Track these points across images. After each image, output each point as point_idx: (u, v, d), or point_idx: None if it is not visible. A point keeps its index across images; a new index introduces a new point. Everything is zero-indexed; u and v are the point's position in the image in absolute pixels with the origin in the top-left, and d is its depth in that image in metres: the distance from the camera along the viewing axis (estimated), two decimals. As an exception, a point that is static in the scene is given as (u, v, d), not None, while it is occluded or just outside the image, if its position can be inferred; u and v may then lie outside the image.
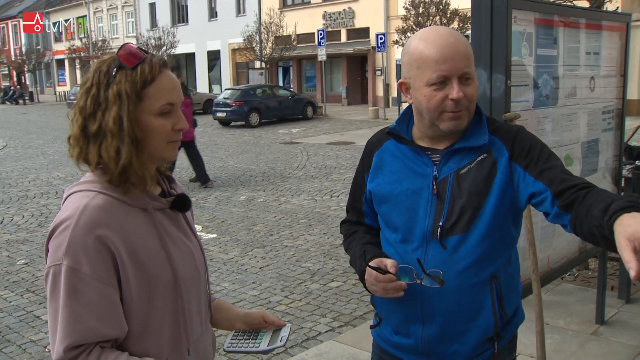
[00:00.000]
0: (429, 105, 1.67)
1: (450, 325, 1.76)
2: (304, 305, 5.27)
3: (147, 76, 1.43)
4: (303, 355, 4.20)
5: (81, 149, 1.43)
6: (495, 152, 1.71)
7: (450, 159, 1.74)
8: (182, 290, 1.48)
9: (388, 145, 1.86)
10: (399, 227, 1.78)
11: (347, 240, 1.99)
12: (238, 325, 1.73)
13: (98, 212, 1.37)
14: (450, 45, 1.63)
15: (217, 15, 38.21)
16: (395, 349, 1.90)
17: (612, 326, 4.38)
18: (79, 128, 1.42)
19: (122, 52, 1.43)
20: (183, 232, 1.57)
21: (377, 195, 1.85)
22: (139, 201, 1.45)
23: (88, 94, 1.43)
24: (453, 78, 1.63)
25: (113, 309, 1.37)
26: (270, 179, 11.77)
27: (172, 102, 1.47)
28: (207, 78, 40.02)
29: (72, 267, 1.33)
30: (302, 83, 35.33)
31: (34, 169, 13.75)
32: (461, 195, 1.69)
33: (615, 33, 4.01)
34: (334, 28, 31.72)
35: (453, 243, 1.70)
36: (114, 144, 1.39)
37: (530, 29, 3.06)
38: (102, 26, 47.71)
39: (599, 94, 3.87)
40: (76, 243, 1.33)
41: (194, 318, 1.55)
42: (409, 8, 23.69)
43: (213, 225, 8.23)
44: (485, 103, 2.89)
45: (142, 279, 1.41)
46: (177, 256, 1.49)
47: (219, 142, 18.56)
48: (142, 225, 1.44)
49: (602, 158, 4.00)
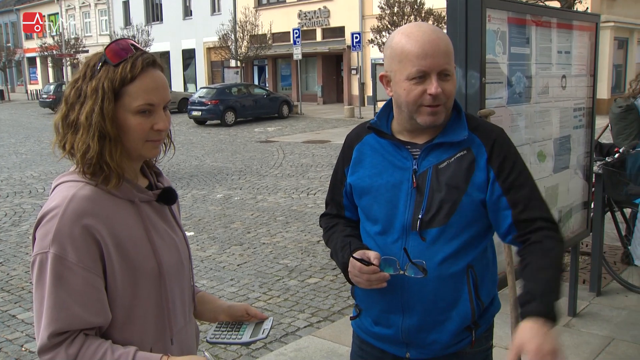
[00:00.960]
0: (407, 99, 1.72)
1: (429, 315, 1.80)
2: (283, 301, 5.30)
3: (127, 74, 1.43)
4: (282, 350, 4.23)
5: (62, 136, 1.46)
6: (475, 150, 1.76)
7: (430, 153, 1.79)
8: (166, 281, 1.51)
9: (368, 139, 1.89)
10: (379, 219, 1.82)
11: (327, 233, 2.02)
12: (221, 318, 1.75)
13: (85, 202, 1.39)
14: (432, 42, 1.67)
15: (192, 14, 37.95)
16: (375, 339, 1.94)
17: (584, 318, 4.50)
18: (61, 116, 1.46)
19: (111, 47, 1.46)
20: (169, 224, 1.59)
21: (357, 188, 1.88)
22: (125, 193, 1.48)
23: (74, 85, 1.46)
24: (432, 73, 1.68)
25: (98, 297, 1.39)
26: (247, 177, 11.76)
27: (151, 103, 1.46)
28: (182, 77, 39.72)
29: (58, 255, 1.35)
30: (277, 82, 35.29)
31: (6, 168, 13.54)
32: (440, 188, 1.74)
33: (585, 33, 4.11)
34: (309, 27, 31.74)
35: (432, 235, 1.75)
36: (83, 137, 1.42)
37: (504, 28, 3.14)
38: (75, 24, 47.06)
39: (570, 92, 3.97)
40: (63, 231, 1.36)
41: (178, 309, 1.57)
42: (384, 7, 23.84)
43: (190, 223, 8.21)
44: (460, 99, 2.95)
45: (127, 269, 1.43)
46: (162, 247, 1.51)
47: (195, 141, 18.47)
48: (128, 217, 1.47)
49: (574, 155, 4.10)
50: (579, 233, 4.33)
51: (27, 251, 6.89)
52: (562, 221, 4.01)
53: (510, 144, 1.82)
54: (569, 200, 4.10)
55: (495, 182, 1.73)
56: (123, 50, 1.45)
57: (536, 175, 3.59)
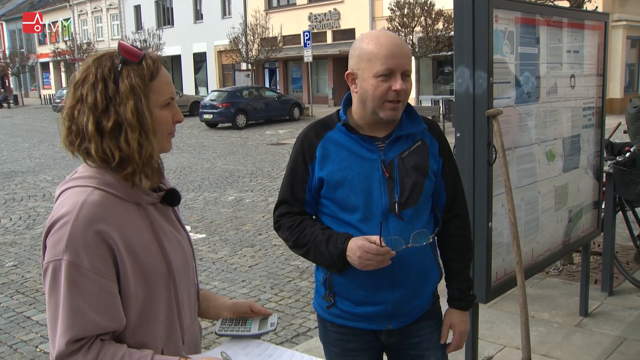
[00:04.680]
0: (374, 94, 1.93)
1: (413, 284, 2.06)
2: (294, 302, 5.33)
3: (152, 70, 1.48)
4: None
5: (96, 145, 1.43)
6: (427, 140, 2.08)
7: (393, 145, 2.02)
8: (176, 281, 1.53)
9: (330, 135, 2.05)
10: (359, 207, 1.99)
11: (295, 230, 2.09)
12: (225, 314, 1.77)
13: (96, 208, 1.39)
14: (398, 45, 1.93)
15: (203, 17, 38.12)
16: (356, 321, 2.09)
17: (596, 318, 4.48)
18: (93, 124, 1.42)
19: (124, 48, 1.47)
20: (173, 225, 1.61)
21: (331, 182, 2.01)
22: (133, 196, 1.48)
23: (95, 89, 1.43)
24: (397, 72, 1.91)
25: (112, 302, 1.40)
26: (258, 179, 11.81)
27: (172, 96, 1.53)
28: (193, 80, 39.90)
29: (72, 262, 1.35)
30: (288, 84, 35.35)
31: (20, 172, 13.68)
32: (409, 174, 2.01)
33: (595, 32, 4.10)
34: (319, 29, 31.78)
35: (408, 214, 2.01)
36: (135, 136, 1.42)
37: (512, 28, 3.14)
38: (87, 29, 47.43)
39: (579, 92, 3.96)
40: (76, 238, 1.36)
41: (185, 308, 1.59)
42: (394, 9, 23.79)
43: (202, 225, 8.26)
44: (468, 99, 2.96)
45: (139, 272, 1.44)
46: (170, 249, 1.53)
47: (206, 144, 18.55)
48: (137, 220, 1.48)
49: (584, 154, 4.09)
50: (590, 233, 4.32)
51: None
52: (572, 220, 4.01)
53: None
54: (579, 200, 4.09)
55: (440, 172, 2.09)
56: (136, 49, 1.48)
57: (545, 174, 3.61)
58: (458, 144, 3.03)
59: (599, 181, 4.38)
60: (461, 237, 2.19)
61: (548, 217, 3.69)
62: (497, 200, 3.10)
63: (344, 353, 2.17)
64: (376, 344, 2.16)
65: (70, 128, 1.47)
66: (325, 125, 2.08)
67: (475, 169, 3.00)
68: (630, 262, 5.58)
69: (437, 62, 27.59)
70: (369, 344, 2.16)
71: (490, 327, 4.34)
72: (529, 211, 3.47)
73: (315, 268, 2.22)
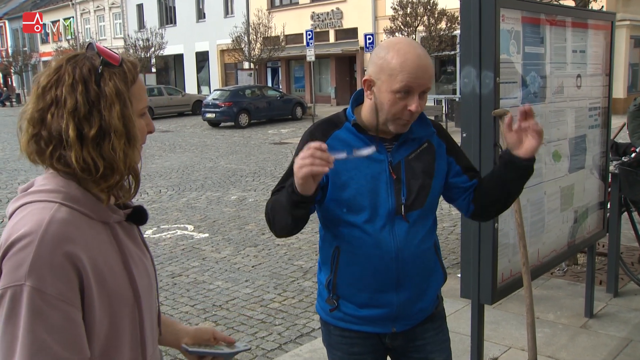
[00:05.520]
0: (389, 109, 1.90)
1: (418, 287, 2.04)
2: (298, 302, 5.31)
3: (134, 75, 1.36)
4: (297, 351, 4.24)
5: (77, 153, 1.27)
6: (434, 142, 2.06)
7: (401, 147, 2.01)
8: (142, 308, 1.39)
9: (338, 134, 2.01)
10: (366, 208, 1.97)
11: (270, 200, 1.99)
12: (185, 341, 1.66)
13: (65, 227, 1.24)
14: (423, 67, 1.87)
15: (205, 17, 38.11)
16: (360, 324, 2.07)
17: (601, 319, 4.46)
18: (74, 130, 1.27)
19: (102, 50, 1.34)
20: (138, 246, 1.47)
21: (337, 183, 1.97)
22: (100, 214, 1.34)
23: (74, 91, 1.28)
24: (416, 92, 1.87)
25: (78, 332, 1.25)
26: (261, 178, 11.79)
27: (147, 104, 1.43)
28: (195, 79, 39.90)
29: (36, 288, 1.19)
30: (291, 84, 35.33)
31: (23, 171, 13.69)
32: (416, 176, 2.00)
33: (600, 32, 4.08)
34: (322, 29, 31.73)
35: (414, 217, 2.00)
36: (121, 144, 1.30)
37: (518, 27, 3.12)
38: (90, 28, 47.44)
39: (585, 91, 3.94)
40: (42, 261, 1.19)
41: (149, 336, 1.45)
42: (397, 8, 23.75)
43: (205, 225, 8.25)
44: (474, 100, 2.95)
45: (104, 298, 1.30)
46: (136, 272, 1.39)
47: (209, 143, 18.55)
48: (104, 241, 1.33)
49: (590, 155, 4.07)
50: (596, 233, 4.30)
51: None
52: (578, 221, 3.98)
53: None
54: (585, 201, 4.07)
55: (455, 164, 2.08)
56: (112, 51, 1.35)
57: (551, 175, 3.58)
58: (464, 144, 3.01)
59: (605, 182, 4.36)
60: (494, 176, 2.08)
61: (554, 217, 3.67)
62: (503, 201, 3.07)
63: (348, 357, 2.15)
64: (380, 347, 2.14)
65: (38, 134, 1.30)
66: (332, 124, 2.06)
67: (481, 169, 2.98)
68: (636, 263, 5.56)
69: (440, 61, 27.55)
70: (373, 347, 2.13)
71: (496, 328, 4.32)
72: (534, 212, 3.46)
73: (318, 270, 2.20)
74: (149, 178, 12.21)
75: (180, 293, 5.65)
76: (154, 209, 9.34)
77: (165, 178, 12.26)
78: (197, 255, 6.89)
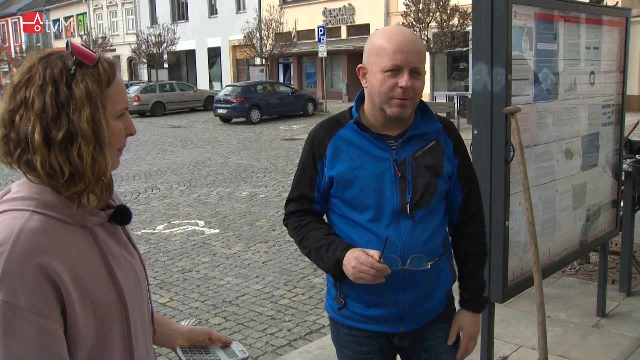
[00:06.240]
0: (380, 89, 1.89)
1: (425, 286, 2.01)
2: (307, 299, 5.31)
3: (109, 75, 1.30)
4: (307, 347, 4.24)
5: (43, 158, 1.22)
6: (442, 140, 2.03)
7: (406, 144, 1.98)
8: (129, 312, 1.35)
9: (342, 133, 2.01)
10: (370, 207, 1.96)
11: (301, 231, 2.07)
12: (179, 342, 1.62)
13: (36, 237, 1.19)
14: (408, 41, 1.88)
15: (217, 12, 38.17)
16: (367, 323, 2.06)
17: (613, 319, 4.42)
18: (40, 134, 1.21)
19: (77, 48, 1.28)
20: (124, 246, 1.41)
21: (341, 181, 1.98)
22: (77, 218, 1.28)
23: (43, 93, 1.23)
24: (405, 69, 1.86)
25: (56, 345, 1.20)
26: (272, 174, 11.80)
27: (127, 105, 1.36)
28: (207, 75, 39.99)
29: (7, 302, 1.15)
30: (302, 79, 35.31)
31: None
32: (422, 174, 1.97)
33: (615, 28, 4.03)
34: (334, 24, 31.69)
35: (419, 216, 1.97)
36: (89, 149, 1.24)
37: (531, 24, 3.09)
38: (102, 23, 47.68)
39: (599, 88, 3.90)
40: (12, 274, 1.16)
41: (140, 337, 1.41)
42: (409, 4, 23.64)
43: (215, 220, 8.27)
44: (486, 97, 2.92)
45: (87, 305, 1.25)
46: (122, 275, 1.34)
47: (220, 139, 18.59)
48: (83, 246, 1.28)
49: (603, 152, 4.03)
50: (608, 232, 4.26)
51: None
52: (590, 220, 3.95)
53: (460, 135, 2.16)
54: (598, 199, 4.03)
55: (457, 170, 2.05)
56: (88, 49, 1.30)
57: (563, 173, 3.55)
58: (475, 141, 2.99)
59: (618, 180, 4.31)
60: (476, 239, 2.14)
61: (566, 216, 3.63)
62: (514, 199, 3.06)
63: (356, 356, 2.14)
64: (389, 346, 2.13)
65: (7, 136, 1.25)
66: (336, 123, 2.05)
67: (492, 167, 2.96)
68: (649, 262, 5.49)
69: (452, 58, 27.42)
70: (381, 346, 2.12)
71: (506, 327, 4.30)
72: (546, 210, 3.43)
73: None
74: (161, 173, 12.26)
75: (191, 289, 5.67)
76: (165, 204, 9.38)
77: (177, 173, 12.30)
78: (207, 250, 6.91)
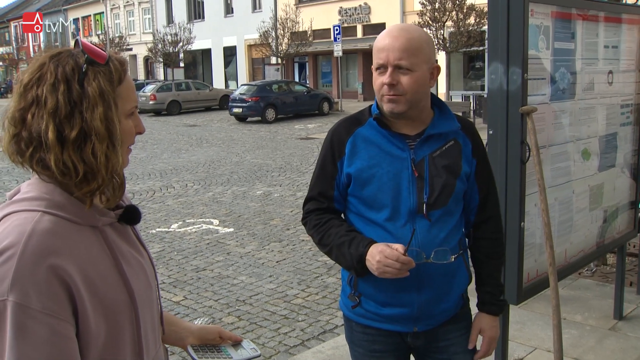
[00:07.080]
0: (374, 87, 1.95)
1: (440, 286, 2.00)
2: (321, 298, 5.30)
3: (120, 74, 1.30)
4: (320, 347, 4.23)
5: (56, 156, 1.22)
6: (461, 140, 2.02)
7: (424, 143, 1.98)
8: (139, 312, 1.36)
9: (360, 132, 2.01)
10: (387, 206, 1.96)
11: (321, 229, 2.06)
12: (190, 340, 1.62)
13: (48, 238, 1.19)
14: (393, 38, 1.87)
15: (233, 11, 38.29)
16: (382, 322, 2.05)
17: (631, 321, 4.36)
18: (54, 132, 1.21)
19: (88, 47, 1.29)
20: (133, 246, 1.42)
21: (359, 180, 1.98)
22: (87, 218, 1.29)
23: (56, 91, 1.23)
24: (388, 66, 1.87)
25: (68, 346, 1.20)
26: (287, 174, 11.81)
27: (137, 104, 1.37)
28: (223, 74, 40.14)
29: (19, 303, 1.15)
30: (318, 79, 35.31)
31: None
32: (439, 174, 1.96)
33: (635, 26, 3.97)
34: (349, 24, 31.66)
35: (436, 216, 1.96)
36: (102, 147, 1.24)
37: (548, 23, 3.05)
38: (119, 23, 48.02)
39: (617, 88, 3.84)
40: (24, 275, 1.16)
41: (150, 337, 1.42)
42: (425, 3, 23.54)
43: (230, 219, 8.29)
44: (501, 96, 2.89)
45: (98, 306, 1.26)
46: (132, 276, 1.35)
47: (236, 138, 18.64)
48: (93, 246, 1.29)
49: (621, 153, 3.97)
50: (626, 234, 4.20)
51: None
52: (607, 221, 3.90)
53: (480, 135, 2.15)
54: (615, 200, 3.98)
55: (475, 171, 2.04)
56: (99, 48, 1.31)
57: (580, 173, 3.51)
58: (491, 141, 2.96)
59: (636, 180, 4.25)
60: (493, 241, 2.13)
61: (582, 217, 3.59)
62: (530, 200, 3.02)
63: (370, 354, 2.14)
64: (402, 346, 2.12)
65: (18, 135, 1.25)
66: (356, 121, 2.05)
67: (507, 167, 2.93)
68: (667, 264, 5.42)
69: (468, 57, 27.27)
70: (395, 345, 2.12)
71: (521, 328, 4.26)
72: (562, 211, 3.39)
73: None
74: (176, 172, 12.31)
75: (205, 287, 5.68)
76: (180, 202, 9.41)
77: (192, 172, 12.34)
78: (221, 249, 6.93)
